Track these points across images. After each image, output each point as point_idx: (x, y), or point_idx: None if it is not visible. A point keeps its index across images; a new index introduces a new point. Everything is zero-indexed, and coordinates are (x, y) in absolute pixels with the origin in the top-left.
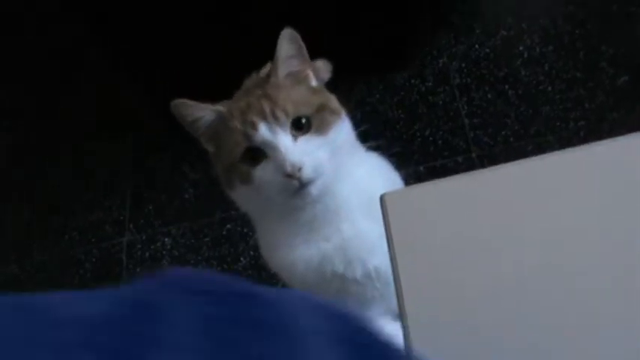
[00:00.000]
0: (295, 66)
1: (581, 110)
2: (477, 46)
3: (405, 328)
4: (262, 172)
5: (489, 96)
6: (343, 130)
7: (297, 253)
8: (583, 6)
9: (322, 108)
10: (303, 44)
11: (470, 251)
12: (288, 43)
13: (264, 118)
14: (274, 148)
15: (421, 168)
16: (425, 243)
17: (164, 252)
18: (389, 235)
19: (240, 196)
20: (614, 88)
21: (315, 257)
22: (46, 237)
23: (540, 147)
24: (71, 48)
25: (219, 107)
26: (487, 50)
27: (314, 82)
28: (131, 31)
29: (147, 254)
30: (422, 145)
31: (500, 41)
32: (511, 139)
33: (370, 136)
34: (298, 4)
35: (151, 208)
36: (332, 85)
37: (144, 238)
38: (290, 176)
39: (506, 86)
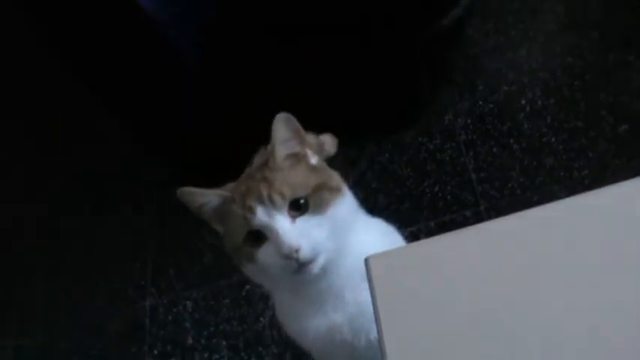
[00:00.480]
0: (293, 147)
1: (585, 159)
2: (480, 102)
3: None
4: (264, 254)
5: (495, 150)
6: (344, 206)
7: (307, 323)
8: (581, 57)
9: (321, 187)
10: (298, 125)
11: (458, 314)
12: (283, 127)
13: (262, 202)
14: (272, 230)
15: (432, 224)
16: (410, 306)
17: (186, 315)
18: (374, 298)
19: (250, 272)
20: (615, 136)
21: (323, 327)
22: (70, 304)
23: (546, 197)
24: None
25: (223, 192)
26: (491, 105)
27: (313, 161)
28: (148, 103)
29: (169, 317)
30: (431, 201)
31: (503, 96)
32: (517, 191)
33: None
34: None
35: (171, 272)
36: (343, 148)
37: (165, 301)
38: (288, 257)
39: (511, 140)
